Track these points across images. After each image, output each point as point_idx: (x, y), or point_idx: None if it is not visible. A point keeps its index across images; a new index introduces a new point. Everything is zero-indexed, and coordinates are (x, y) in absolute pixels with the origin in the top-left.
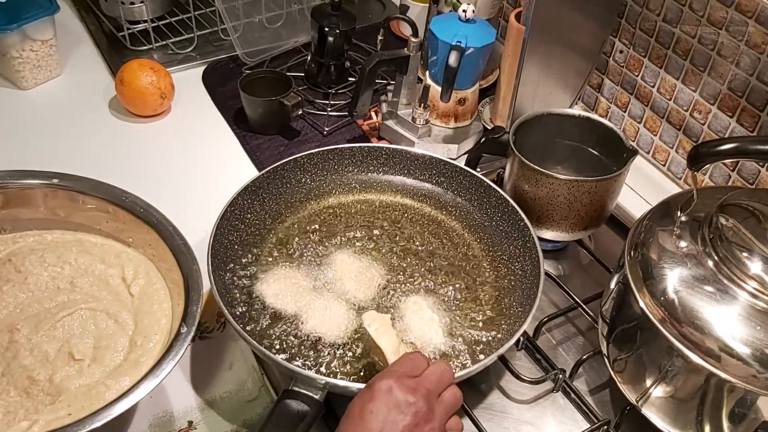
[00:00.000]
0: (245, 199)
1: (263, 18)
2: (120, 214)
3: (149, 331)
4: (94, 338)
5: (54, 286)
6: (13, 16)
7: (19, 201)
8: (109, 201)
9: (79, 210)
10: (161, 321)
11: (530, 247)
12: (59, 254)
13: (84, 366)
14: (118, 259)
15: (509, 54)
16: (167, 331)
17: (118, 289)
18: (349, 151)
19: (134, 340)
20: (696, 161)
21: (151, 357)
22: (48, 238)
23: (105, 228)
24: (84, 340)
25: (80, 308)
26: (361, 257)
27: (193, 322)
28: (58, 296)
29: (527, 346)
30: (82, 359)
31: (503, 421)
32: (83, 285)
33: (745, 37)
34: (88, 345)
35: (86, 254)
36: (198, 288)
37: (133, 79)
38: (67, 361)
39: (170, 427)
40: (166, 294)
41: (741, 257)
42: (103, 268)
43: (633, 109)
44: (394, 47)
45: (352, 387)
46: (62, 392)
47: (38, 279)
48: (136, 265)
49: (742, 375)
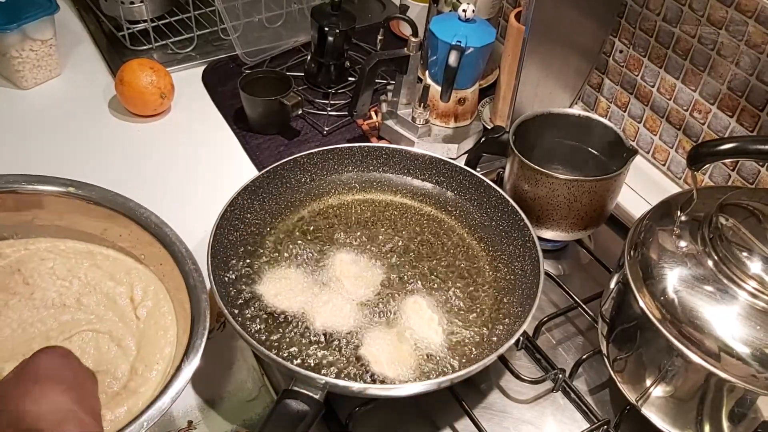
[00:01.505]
0: (245, 199)
1: (263, 18)
2: (133, 228)
3: (151, 359)
4: (93, 362)
5: (60, 303)
6: (13, 16)
7: (32, 206)
8: (123, 214)
9: (93, 220)
10: (165, 349)
11: (530, 246)
12: (70, 267)
13: None
14: (128, 276)
15: (509, 54)
16: (170, 360)
17: (124, 311)
18: (349, 151)
19: (135, 368)
20: (696, 161)
21: (151, 387)
22: (60, 247)
23: (118, 241)
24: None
25: (83, 329)
26: (361, 257)
27: (195, 355)
28: (63, 315)
29: (527, 346)
30: None
31: (503, 420)
32: (90, 303)
33: (745, 37)
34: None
35: (97, 269)
36: (204, 320)
37: (133, 78)
38: None
39: (170, 427)
40: (173, 320)
41: (741, 257)
42: (112, 285)
43: (633, 109)
44: (394, 47)
45: (352, 387)
46: None
47: (45, 294)
48: (146, 285)
49: (741, 375)
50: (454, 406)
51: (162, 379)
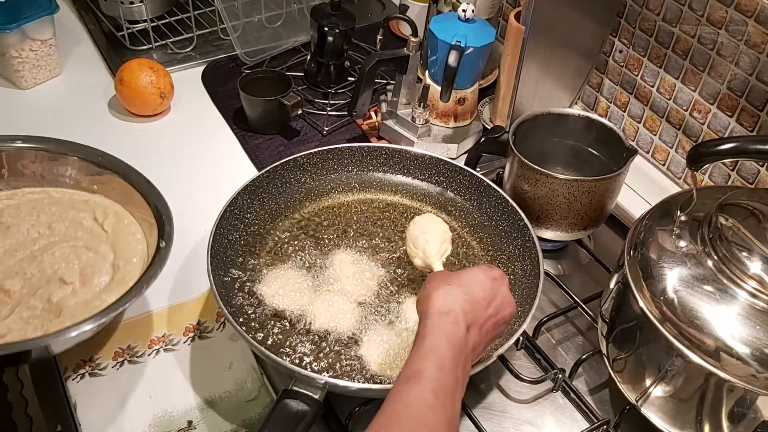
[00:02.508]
0: (245, 199)
1: (263, 18)
2: (83, 165)
3: (128, 255)
4: (79, 267)
5: (35, 232)
6: (13, 16)
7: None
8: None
9: (45, 167)
10: (137, 246)
11: (530, 246)
12: (33, 205)
13: (76, 287)
14: (86, 205)
15: (509, 53)
16: (144, 254)
17: (92, 228)
18: (349, 151)
19: (116, 264)
20: (695, 161)
21: (136, 274)
22: (18, 194)
23: (69, 180)
24: (71, 269)
25: (61, 246)
26: (361, 257)
27: (170, 238)
28: (40, 240)
29: (527, 346)
30: (73, 282)
31: (503, 420)
32: (60, 228)
33: (745, 37)
34: (75, 272)
35: (57, 204)
36: (169, 212)
37: (133, 78)
38: (60, 285)
39: (170, 426)
40: (138, 227)
41: (741, 257)
42: (74, 213)
43: (632, 109)
44: (393, 47)
45: (351, 386)
46: (63, 309)
47: (20, 228)
48: (105, 208)
49: (741, 375)
50: None
51: (143, 266)
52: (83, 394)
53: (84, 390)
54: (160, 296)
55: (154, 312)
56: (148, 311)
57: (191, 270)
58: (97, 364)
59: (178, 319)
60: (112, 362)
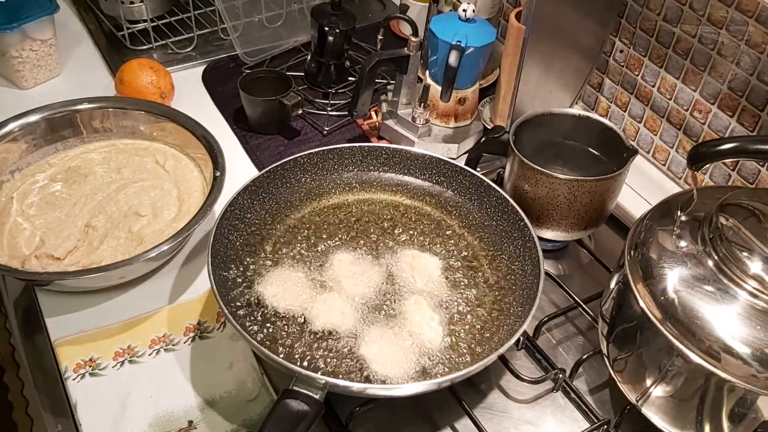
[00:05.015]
0: (245, 199)
1: (263, 17)
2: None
3: (190, 189)
4: (150, 202)
5: (108, 177)
6: (13, 16)
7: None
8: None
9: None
10: (197, 182)
11: (530, 246)
12: (104, 156)
13: (150, 219)
14: (147, 151)
15: (509, 53)
16: (203, 187)
17: (155, 169)
18: (349, 151)
19: (181, 198)
20: (696, 161)
21: (199, 204)
22: (91, 147)
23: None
24: (143, 204)
25: (132, 186)
26: (361, 257)
27: (223, 169)
28: (113, 184)
29: (527, 346)
30: (147, 215)
31: (503, 420)
32: (128, 173)
33: (746, 37)
34: (147, 206)
35: (122, 152)
36: (219, 147)
37: (133, 78)
38: (136, 218)
39: (170, 426)
40: (194, 165)
41: (741, 257)
42: (138, 158)
43: (633, 109)
44: (394, 47)
45: (352, 386)
46: (143, 238)
47: (95, 175)
48: (164, 152)
49: (742, 375)
50: (454, 406)
51: (203, 197)
52: (83, 394)
53: (84, 390)
54: (160, 296)
55: (154, 312)
56: (148, 311)
57: (191, 270)
58: (97, 364)
59: (179, 319)
60: (112, 362)
